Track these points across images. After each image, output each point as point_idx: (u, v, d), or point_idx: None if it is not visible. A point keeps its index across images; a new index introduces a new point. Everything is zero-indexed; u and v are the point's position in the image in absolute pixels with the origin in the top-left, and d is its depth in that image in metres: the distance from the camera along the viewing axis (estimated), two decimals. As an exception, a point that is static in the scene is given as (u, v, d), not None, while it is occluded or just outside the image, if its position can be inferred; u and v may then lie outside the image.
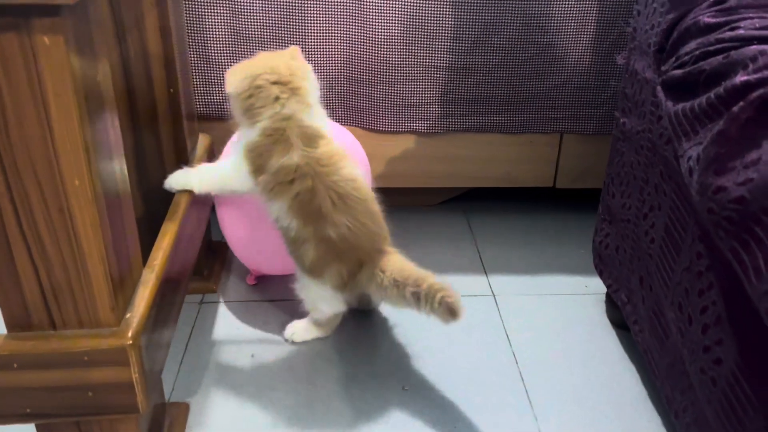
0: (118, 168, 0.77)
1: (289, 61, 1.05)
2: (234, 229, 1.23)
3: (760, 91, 0.67)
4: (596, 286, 1.32)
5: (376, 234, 1.05)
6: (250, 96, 1.02)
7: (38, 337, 0.75)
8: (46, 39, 0.62)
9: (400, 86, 1.40)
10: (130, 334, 0.76)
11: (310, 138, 1.02)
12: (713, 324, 0.80)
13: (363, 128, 1.44)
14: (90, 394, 0.78)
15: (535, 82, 1.42)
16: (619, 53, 1.38)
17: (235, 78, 1.04)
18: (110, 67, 1.05)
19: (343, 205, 1.01)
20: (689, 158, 0.77)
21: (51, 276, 0.72)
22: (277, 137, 1.01)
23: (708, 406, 0.81)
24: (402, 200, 1.58)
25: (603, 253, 1.20)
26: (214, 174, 1.10)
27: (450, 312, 0.95)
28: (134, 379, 0.78)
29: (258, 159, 1.02)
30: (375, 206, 1.07)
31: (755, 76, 0.70)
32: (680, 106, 0.82)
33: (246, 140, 1.04)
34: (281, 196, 1.02)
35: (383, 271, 1.02)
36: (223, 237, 1.48)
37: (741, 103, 0.69)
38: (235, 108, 1.06)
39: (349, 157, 1.06)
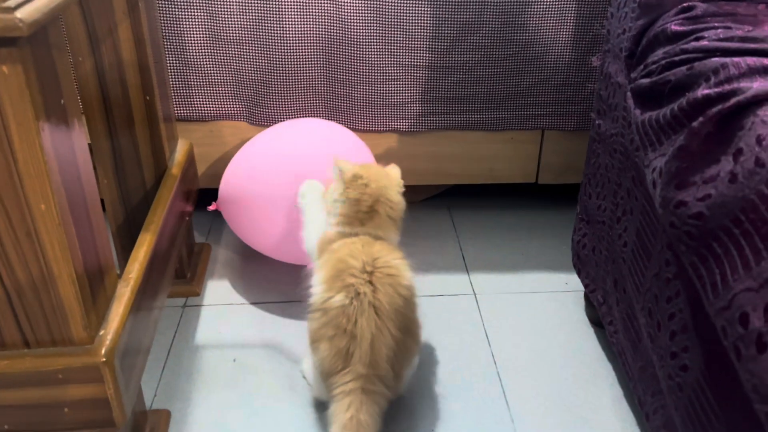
0: (87, 188, 0.78)
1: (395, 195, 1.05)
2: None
3: (719, 106, 0.68)
4: (576, 283, 1.33)
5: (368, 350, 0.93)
6: (358, 201, 1.01)
7: (12, 356, 0.76)
8: (4, 68, 0.62)
9: (380, 86, 1.40)
10: (103, 351, 0.77)
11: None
12: (680, 331, 0.81)
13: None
14: (66, 410, 0.79)
15: (515, 79, 1.42)
16: (597, 52, 1.38)
17: (361, 182, 1.02)
18: (85, 76, 1.05)
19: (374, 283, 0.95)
20: (653, 170, 0.78)
21: (22, 298, 0.73)
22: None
23: (675, 412, 0.83)
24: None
25: (581, 252, 1.21)
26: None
27: None
28: (109, 395, 0.79)
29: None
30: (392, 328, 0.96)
31: (716, 90, 0.70)
32: (647, 115, 0.83)
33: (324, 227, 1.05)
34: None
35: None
36: (206, 238, 1.49)
37: (701, 118, 0.69)
38: (337, 209, 1.03)
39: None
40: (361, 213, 1.01)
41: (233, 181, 1.27)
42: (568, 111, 1.46)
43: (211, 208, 1.31)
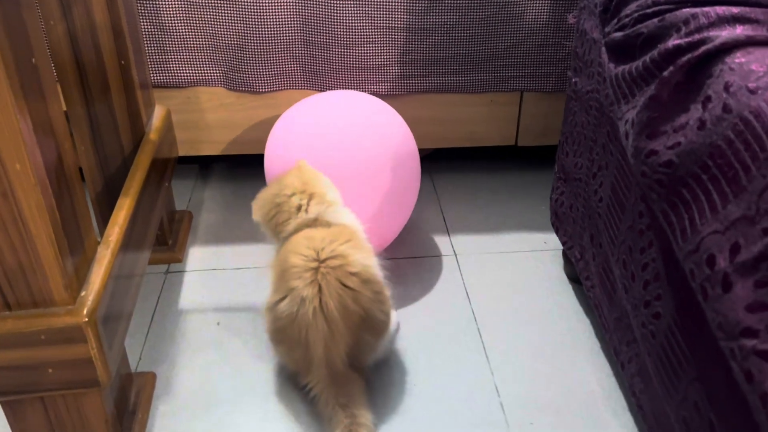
0: (63, 148, 0.77)
1: (300, 175, 1.05)
2: None
3: (689, 55, 0.69)
4: (555, 242, 1.36)
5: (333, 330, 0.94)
6: (276, 215, 1.02)
7: (-6, 319, 0.77)
8: (-28, 25, 0.61)
9: (358, 48, 1.39)
10: (85, 312, 0.78)
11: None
12: (653, 280, 0.83)
13: (322, 91, 1.44)
14: (50, 371, 0.80)
15: (494, 40, 1.42)
16: (572, 11, 1.38)
17: (258, 206, 1.05)
18: (57, 40, 1.04)
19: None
20: (626, 122, 0.79)
21: (1, 259, 0.73)
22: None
23: (648, 358, 0.85)
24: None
25: (559, 210, 1.23)
26: None
27: None
28: (93, 355, 0.80)
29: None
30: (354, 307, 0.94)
31: (686, 39, 0.71)
32: (620, 69, 0.84)
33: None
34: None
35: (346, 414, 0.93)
36: (187, 206, 1.49)
37: (671, 68, 0.70)
38: (267, 232, 1.06)
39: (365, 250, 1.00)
40: (290, 207, 1.02)
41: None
42: (546, 72, 1.46)
43: None
